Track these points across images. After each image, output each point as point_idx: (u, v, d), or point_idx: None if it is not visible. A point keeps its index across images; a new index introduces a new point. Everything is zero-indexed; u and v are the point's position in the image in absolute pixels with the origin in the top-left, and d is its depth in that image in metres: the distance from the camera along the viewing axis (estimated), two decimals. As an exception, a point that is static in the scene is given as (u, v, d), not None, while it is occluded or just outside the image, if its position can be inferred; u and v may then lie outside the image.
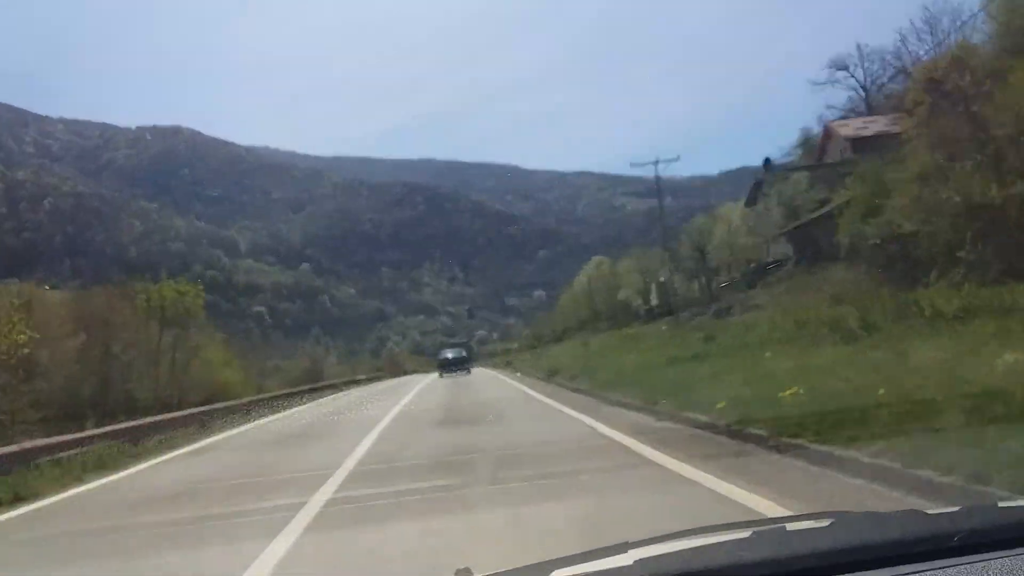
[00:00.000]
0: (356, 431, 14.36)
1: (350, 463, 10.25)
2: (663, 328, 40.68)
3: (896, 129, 48.91)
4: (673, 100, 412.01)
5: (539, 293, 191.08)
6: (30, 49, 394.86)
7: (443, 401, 21.52)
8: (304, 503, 7.73)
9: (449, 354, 53.44)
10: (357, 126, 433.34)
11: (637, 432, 10.29)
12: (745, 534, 1.52)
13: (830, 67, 65.47)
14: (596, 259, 79.74)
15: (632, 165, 52.87)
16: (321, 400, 33.35)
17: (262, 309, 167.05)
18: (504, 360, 63.28)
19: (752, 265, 47.15)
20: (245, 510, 7.86)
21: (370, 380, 60.08)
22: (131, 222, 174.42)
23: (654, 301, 58.13)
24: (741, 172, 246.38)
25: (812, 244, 41.25)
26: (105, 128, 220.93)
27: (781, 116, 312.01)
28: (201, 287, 31.20)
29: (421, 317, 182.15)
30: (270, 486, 9.19)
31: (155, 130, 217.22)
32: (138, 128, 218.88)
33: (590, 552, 1.52)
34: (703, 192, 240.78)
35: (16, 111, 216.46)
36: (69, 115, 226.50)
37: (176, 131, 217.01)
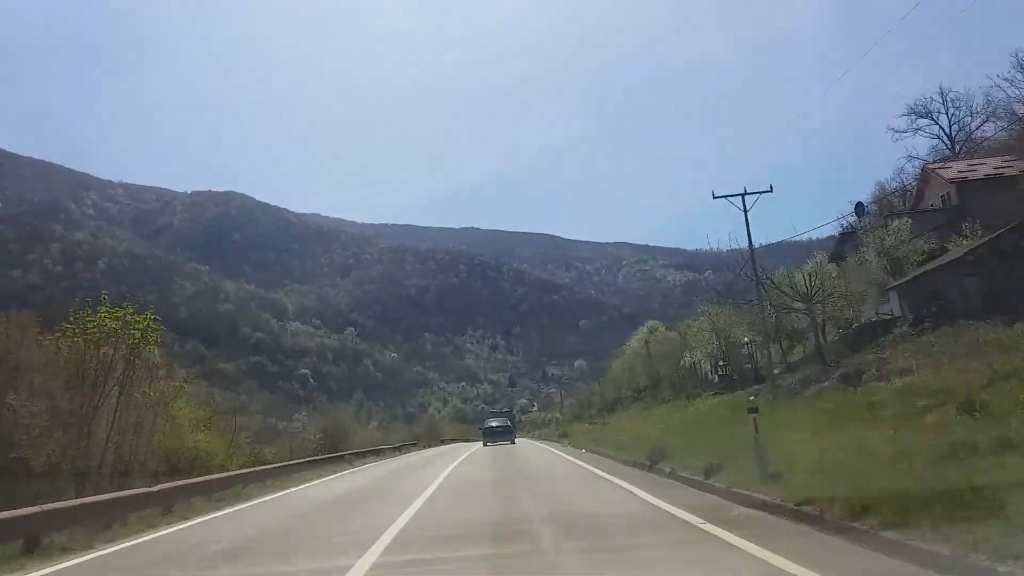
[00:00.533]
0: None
1: None
2: (752, 397, 31.64)
3: (1011, 171, 40.61)
4: (712, 173, 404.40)
5: (580, 363, 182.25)
6: (95, 116, 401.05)
7: (493, 509, 11.94)
8: None
9: (494, 423, 50.57)
10: (403, 195, 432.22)
11: None
12: None
13: (910, 114, 57.40)
14: (650, 323, 70.99)
15: (715, 197, 40.83)
16: (310, 484, 22.59)
17: (306, 372, 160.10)
18: (557, 431, 53.01)
19: (854, 325, 38.26)
20: None
21: (399, 449, 49.43)
22: (183, 284, 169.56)
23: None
24: (782, 246, 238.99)
25: (933, 298, 32.56)
26: (162, 193, 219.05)
27: (825, 189, 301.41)
28: (155, 317, 21.46)
29: (463, 384, 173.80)
30: None
31: (209, 195, 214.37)
32: (193, 193, 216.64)
33: None
34: (743, 264, 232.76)
35: (79, 175, 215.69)
36: (129, 180, 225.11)
37: (229, 196, 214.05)
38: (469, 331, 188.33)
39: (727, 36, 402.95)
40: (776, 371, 36.61)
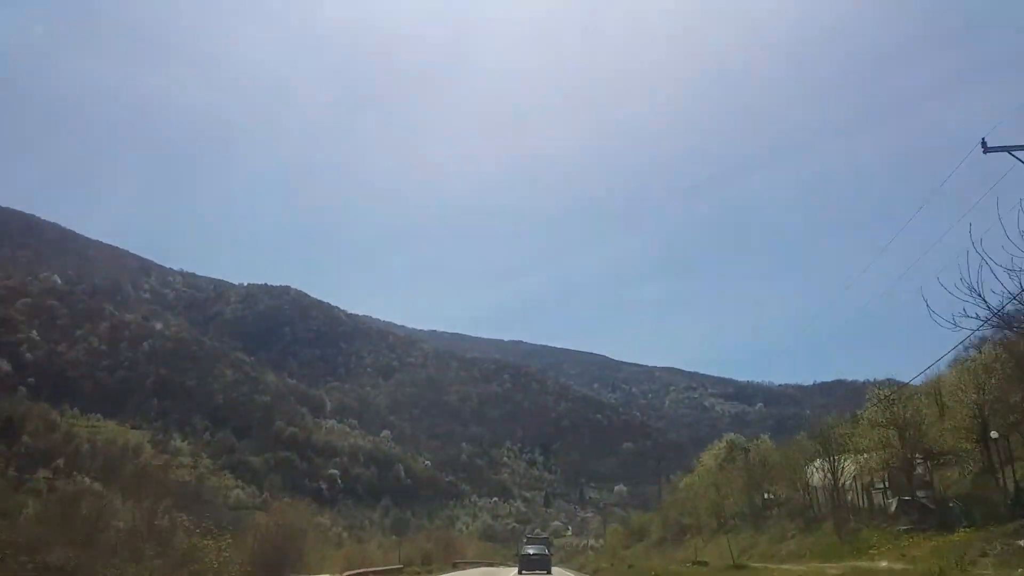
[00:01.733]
0: None
1: None
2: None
3: None
4: (767, 306, 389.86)
5: (620, 487, 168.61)
6: (166, 206, 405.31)
7: None
8: None
9: (531, 550, 46.60)
10: (454, 304, 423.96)
11: None
12: None
13: None
14: (729, 436, 59.20)
15: (988, 150, 14.29)
16: None
17: (335, 472, 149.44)
18: (622, 565, 32.88)
19: None
20: None
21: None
22: (224, 371, 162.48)
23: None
24: (837, 385, 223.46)
25: None
26: (219, 284, 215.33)
27: (890, 330, 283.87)
28: None
29: (495, 499, 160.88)
30: None
31: (264, 288, 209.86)
32: (249, 285, 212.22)
33: None
34: (795, 401, 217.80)
35: (141, 260, 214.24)
36: (189, 269, 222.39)
37: (285, 291, 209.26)
38: (507, 443, 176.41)
39: (784, 176, 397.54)
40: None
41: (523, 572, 41.27)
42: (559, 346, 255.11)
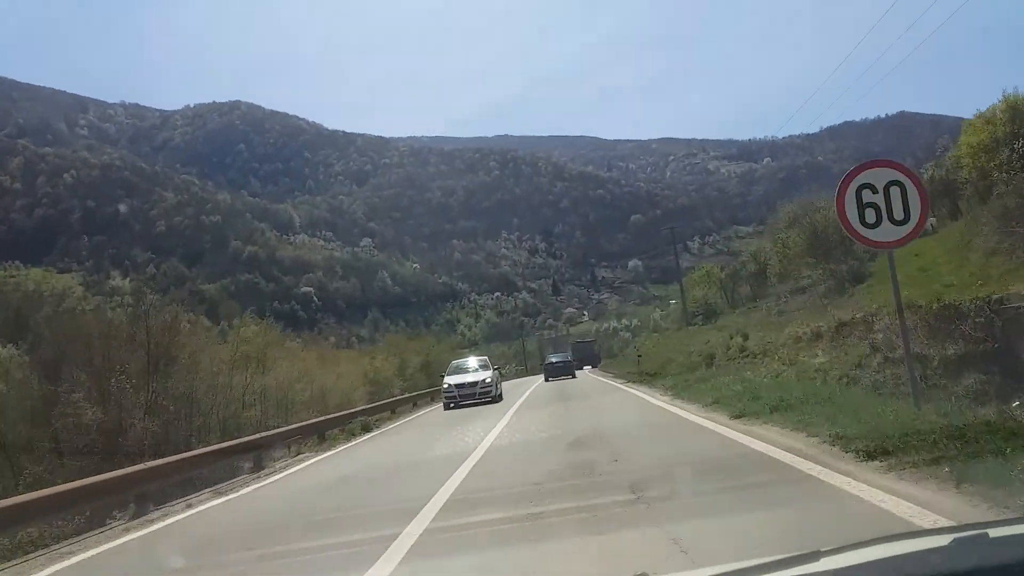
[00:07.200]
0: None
1: None
2: None
3: None
4: (759, 63, 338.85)
5: (635, 263, 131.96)
6: (97, 39, 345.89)
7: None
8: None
9: (554, 358, 40.81)
10: (430, 113, 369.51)
11: None
12: (944, 541, 1.14)
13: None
14: (1011, 96, 17.70)
15: None
16: None
17: (310, 289, 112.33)
18: None
19: None
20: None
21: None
22: (164, 195, 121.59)
23: None
24: (846, 128, 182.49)
25: None
26: (164, 112, 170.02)
27: (884, 65, 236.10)
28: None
29: (497, 295, 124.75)
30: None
31: (212, 106, 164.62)
32: (196, 106, 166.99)
33: (782, 560, 1.19)
34: (806, 149, 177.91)
35: (76, 97, 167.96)
36: (132, 100, 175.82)
37: (235, 106, 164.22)
38: (504, 234, 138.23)
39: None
40: None
41: (549, 379, 35.54)
42: (546, 134, 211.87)
